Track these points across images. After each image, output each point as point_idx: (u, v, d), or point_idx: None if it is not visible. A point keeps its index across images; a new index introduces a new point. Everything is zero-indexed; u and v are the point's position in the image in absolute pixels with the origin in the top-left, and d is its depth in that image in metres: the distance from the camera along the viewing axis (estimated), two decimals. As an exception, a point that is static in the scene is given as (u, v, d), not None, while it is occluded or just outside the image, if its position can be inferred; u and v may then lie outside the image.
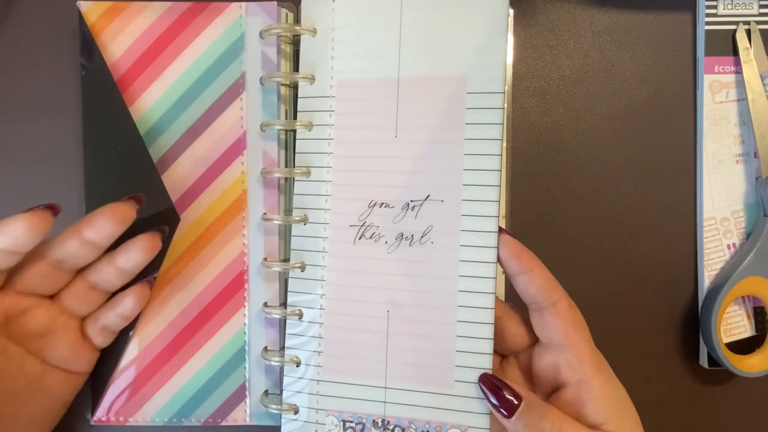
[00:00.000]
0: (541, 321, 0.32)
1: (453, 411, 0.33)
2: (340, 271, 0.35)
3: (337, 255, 0.35)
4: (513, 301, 0.35)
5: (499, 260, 0.32)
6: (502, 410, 0.30)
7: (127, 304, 0.35)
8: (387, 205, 0.34)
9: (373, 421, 0.34)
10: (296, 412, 0.35)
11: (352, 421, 0.34)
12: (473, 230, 0.33)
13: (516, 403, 0.30)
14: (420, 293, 0.33)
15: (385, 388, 0.34)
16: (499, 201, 0.32)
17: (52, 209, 0.31)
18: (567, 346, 0.31)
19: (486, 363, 0.32)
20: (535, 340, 0.33)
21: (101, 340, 0.35)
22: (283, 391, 0.36)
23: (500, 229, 0.33)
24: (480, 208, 0.33)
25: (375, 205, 0.34)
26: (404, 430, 0.34)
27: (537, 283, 0.31)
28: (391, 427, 0.34)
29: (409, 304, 0.34)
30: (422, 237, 0.33)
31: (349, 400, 0.34)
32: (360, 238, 0.34)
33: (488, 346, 0.32)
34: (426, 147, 0.34)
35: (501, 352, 0.35)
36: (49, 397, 0.34)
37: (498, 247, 0.32)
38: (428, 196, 0.33)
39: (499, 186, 0.32)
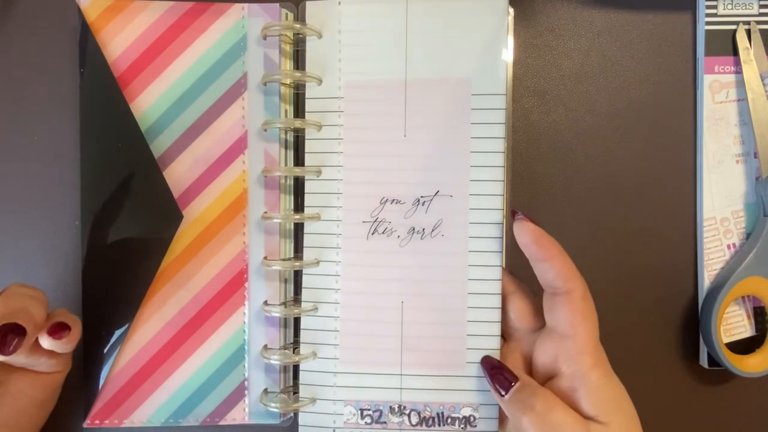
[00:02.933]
0: (551, 305, 0.33)
1: (465, 391, 0.35)
2: (354, 266, 0.36)
3: (351, 250, 0.36)
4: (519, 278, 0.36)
5: (520, 246, 0.33)
6: (498, 388, 0.32)
7: (51, 346, 0.32)
8: (398, 201, 0.36)
9: (390, 407, 0.36)
10: (314, 403, 0.36)
11: (369, 409, 0.36)
12: (481, 222, 0.35)
13: (511, 383, 0.32)
14: (432, 283, 0.35)
15: (401, 375, 0.36)
16: (503, 195, 0.35)
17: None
18: (569, 335, 0.31)
19: (494, 344, 0.35)
20: (540, 325, 0.34)
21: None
22: (301, 384, 0.37)
23: (521, 215, 0.33)
24: (486, 202, 0.35)
25: (386, 201, 0.36)
26: (420, 414, 0.35)
27: (556, 270, 0.32)
28: (407, 412, 0.35)
29: (422, 294, 0.35)
30: (433, 230, 0.35)
31: (366, 389, 0.36)
32: (373, 233, 0.36)
33: (496, 329, 0.35)
34: (434, 145, 0.35)
35: (506, 331, 0.35)
36: (21, 398, 0.33)
37: (518, 233, 0.33)
38: (437, 191, 0.35)
39: (504, 181, 0.35)
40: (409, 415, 0.35)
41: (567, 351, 0.31)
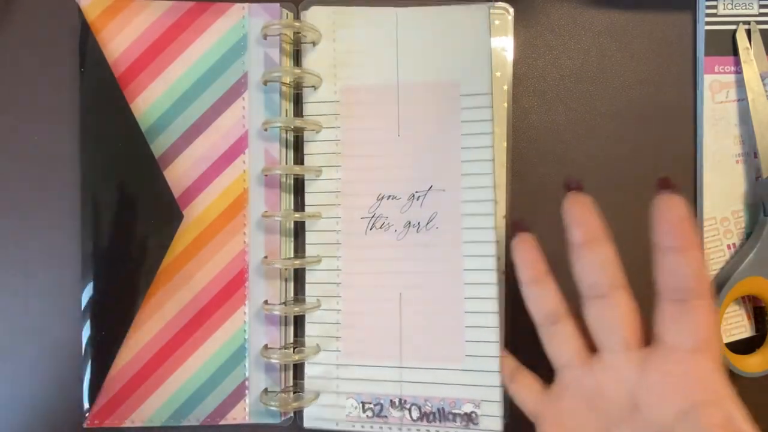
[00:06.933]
0: (679, 314, 0.27)
1: (466, 386, 0.35)
2: (353, 261, 0.37)
3: (351, 245, 0.37)
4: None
5: (659, 227, 0.29)
6: None
7: None
8: (394, 197, 0.37)
9: (391, 401, 0.36)
10: (317, 397, 0.37)
11: (370, 403, 0.36)
12: (473, 214, 0.36)
13: None
14: (429, 275, 0.36)
15: (401, 368, 0.36)
16: (493, 186, 0.36)
17: None
18: (702, 350, 0.28)
19: (494, 336, 0.35)
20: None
21: None
22: (305, 378, 0.37)
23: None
24: (478, 194, 0.36)
25: (383, 197, 0.37)
26: (420, 408, 0.36)
27: (695, 265, 0.27)
28: (407, 406, 0.36)
29: (419, 286, 0.36)
30: (428, 223, 0.36)
31: (367, 382, 0.37)
32: (371, 229, 0.37)
33: (495, 320, 0.35)
34: (427, 144, 0.37)
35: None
36: None
37: (665, 209, 0.30)
38: (431, 186, 0.37)
39: (493, 173, 0.36)
40: (410, 410, 0.36)
41: (699, 372, 0.26)
